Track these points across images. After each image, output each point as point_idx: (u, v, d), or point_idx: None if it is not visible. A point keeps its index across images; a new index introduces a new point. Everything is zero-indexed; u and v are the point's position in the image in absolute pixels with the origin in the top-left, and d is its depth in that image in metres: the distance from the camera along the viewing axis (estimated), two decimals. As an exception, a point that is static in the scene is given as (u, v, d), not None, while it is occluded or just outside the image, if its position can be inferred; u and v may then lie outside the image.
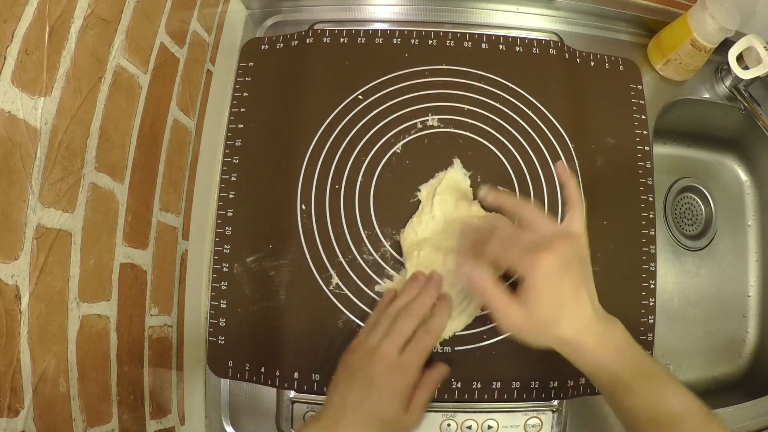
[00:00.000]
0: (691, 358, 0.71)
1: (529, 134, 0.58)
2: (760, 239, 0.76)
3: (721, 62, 0.65)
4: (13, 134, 0.32)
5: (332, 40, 0.60)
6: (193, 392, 0.57)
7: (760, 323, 0.73)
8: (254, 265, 0.56)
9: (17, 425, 0.33)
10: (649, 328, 0.57)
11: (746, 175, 0.78)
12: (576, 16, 0.65)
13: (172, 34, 0.50)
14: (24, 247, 0.34)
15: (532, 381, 0.53)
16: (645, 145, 0.60)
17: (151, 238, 0.50)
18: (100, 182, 0.41)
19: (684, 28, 0.60)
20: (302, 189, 0.56)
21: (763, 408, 0.58)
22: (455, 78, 0.59)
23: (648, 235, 0.58)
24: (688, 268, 0.75)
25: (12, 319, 0.33)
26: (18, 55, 0.32)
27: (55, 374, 0.37)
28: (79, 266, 0.39)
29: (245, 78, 0.61)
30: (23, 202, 0.34)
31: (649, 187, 0.59)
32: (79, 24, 0.37)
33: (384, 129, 0.58)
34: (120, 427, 0.45)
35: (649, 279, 0.57)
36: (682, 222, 0.76)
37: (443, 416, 0.53)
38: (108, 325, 0.43)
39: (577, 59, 0.62)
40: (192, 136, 0.57)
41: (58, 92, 0.36)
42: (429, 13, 0.65)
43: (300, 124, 0.58)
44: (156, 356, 0.51)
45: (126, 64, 0.43)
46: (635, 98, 0.62)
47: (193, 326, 0.57)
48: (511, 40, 0.61)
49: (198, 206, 0.58)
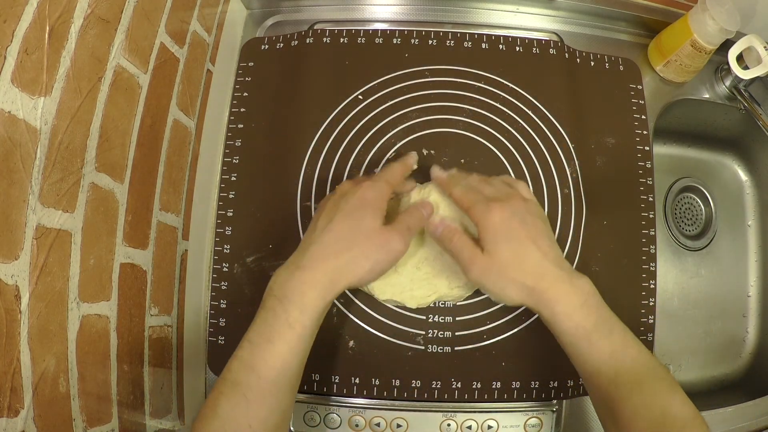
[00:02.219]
0: (691, 358, 0.71)
1: (529, 134, 0.58)
2: (760, 239, 0.76)
3: (721, 62, 0.65)
4: (13, 134, 0.32)
5: (332, 40, 0.60)
6: (193, 392, 0.57)
7: (760, 323, 0.73)
8: (254, 265, 0.56)
9: (17, 425, 0.33)
10: (649, 328, 0.57)
11: (746, 175, 0.78)
12: (576, 16, 0.65)
13: (172, 34, 0.50)
14: (24, 247, 0.34)
15: (532, 381, 0.53)
16: (645, 145, 0.60)
17: (151, 238, 0.50)
18: (100, 182, 0.41)
19: (684, 29, 0.60)
20: (302, 189, 0.56)
21: (763, 408, 0.58)
22: (455, 78, 0.59)
23: (648, 235, 0.58)
24: (688, 268, 0.75)
25: (12, 319, 0.33)
26: (18, 55, 0.32)
27: (55, 374, 0.37)
28: (79, 266, 0.39)
29: (245, 78, 0.61)
30: (23, 202, 0.34)
31: (649, 187, 0.59)
32: (79, 24, 0.37)
33: (384, 129, 0.58)
34: (120, 427, 0.45)
35: (649, 279, 0.57)
36: (682, 222, 0.76)
37: (443, 416, 0.53)
38: (108, 325, 0.43)
39: (577, 59, 0.62)
40: (192, 136, 0.57)
41: (58, 92, 0.36)
42: (429, 13, 0.65)
43: (300, 124, 0.58)
44: (156, 356, 0.51)
45: (126, 64, 0.43)
46: (635, 98, 0.62)
47: (193, 326, 0.57)
48: (511, 40, 0.61)
49: (198, 206, 0.58)
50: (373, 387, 0.53)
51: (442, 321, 0.54)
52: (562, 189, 0.57)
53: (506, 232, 0.44)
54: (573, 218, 0.57)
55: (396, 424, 0.54)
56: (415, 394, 0.53)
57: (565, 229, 0.56)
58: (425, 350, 0.53)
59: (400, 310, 0.54)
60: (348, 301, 0.54)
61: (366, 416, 0.53)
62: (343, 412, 0.54)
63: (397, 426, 0.54)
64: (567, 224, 0.56)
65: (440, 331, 0.54)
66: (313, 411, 0.54)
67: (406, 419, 0.54)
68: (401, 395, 0.53)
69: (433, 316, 0.54)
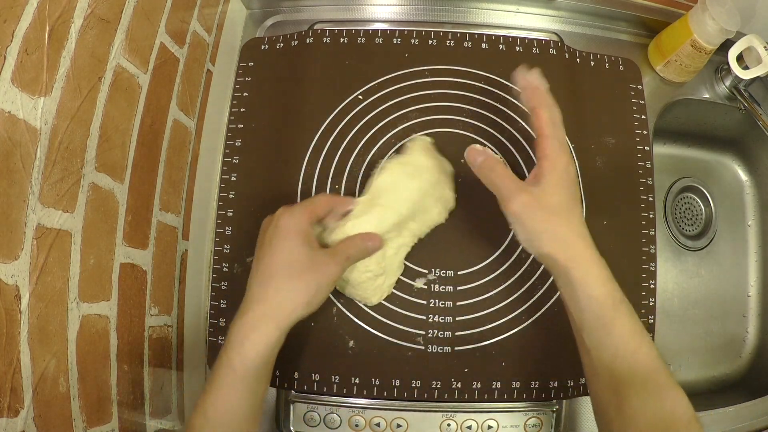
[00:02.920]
0: (691, 358, 0.71)
1: (529, 134, 0.58)
2: (760, 239, 0.76)
3: (721, 62, 0.65)
4: (13, 134, 0.32)
5: (332, 40, 0.60)
6: (193, 392, 0.57)
7: (760, 323, 0.73)
8: (254, 265, 0.56)
9: (17, 425, 0.33)
10: (649, 328, 0.57)
11: (746, 175, 0.78)
12: (576, 16, 0.65)
13: (172, 34, 0.50)
14: (24, 247, 0.34)
15: (532, 381, 0.53)
16: (645, 145, 0.60)
17: (151, 238, 0.50)
18: (100, 182, 0.41)
19: (684, 29, 0.60)
20: (302, 189, 0.56)
21: (763, 408, 0.58)
22: (455, 78, 0.59)
23: (648, 235, 0.58)
24: (688, 268, 0.75)
25: (12, 319, 0.33)
26: (18, 55, 0.32)
27: (55, 374, 0.37)
28: (79, 266, 0.39)
29: (245, 78, 0.61)
30: (23, 202, 0.34)
31: (649, 187, 0.59)
32: (79, 24, 0.37)
33: (384, 129, 0.58)
34: (120, 427, 0.45)
35: (649, 279, 0.57)
36: (682, 222, 0.76)
37: (443, 416, 0.53)
38: (108, 325, 0.43)
39: (577, 59, 0.62)
40: (192, 136, 0.57)
41: (58, 92, 0.36)
42: (429, 13, 0.65)
43: (300, 124, 0.58)
44: (156, 356, 0.51)
45: (126, 64, 0.43)
46: (635, 98, 0.62)
47: (193, 326, 0.57)
48: (511, 40, 0.61)
49: (198, 206, 0.58)
50: (373, 387, 0.53)
51: (442, 321, 0.54)
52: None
53: (569, 183, 0.43)
54: (573, 218, 0.56)
55: (396, 424, 0.54)
56: (415, 394, 0.53)
57: (565, 229, 0.56)
58: (425, 350, 0.53)
59: (401, 310, 0.54)
60: (348, 301, 0.54)
61: (366, 416, 0.54)
62: (343, 412, 0.54)
63: (397, 426, 0.54)
64: (567, 224, 0.56)
65: (440, 331, 0.54)
66: (313, 411, 0.54)
67: (406, 419, 0.54)
68: (401, 395, 0.53)
69: (433, 316, 0.54)
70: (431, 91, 0.59)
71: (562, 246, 0.42)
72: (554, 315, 0.54)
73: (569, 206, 0.43)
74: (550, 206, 0.42)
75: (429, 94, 0.59)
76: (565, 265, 0.41)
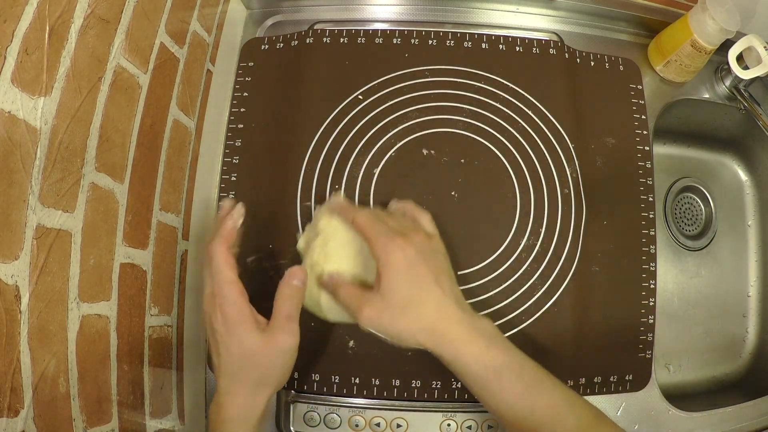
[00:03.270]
0: (691, 358, 0.71)
1: (529, 134, 0.58)
2: (760, 239, 0.76)
3: (721, 62, 0.65)
4: (13, 134, 0.32)
5: (332, 40, 0.60)
6: (193, 392, 0.57)
7: (760, 323, 0.73)
8: (254, 265, 0.56)
9: (17, 425, 0.33)
10: (649, 328, 0.57)
11: (746, 175, 0.78)
12: (576, 16, 0.65)
13: (172, 34, 0.50)
14: (24, 247, 0.34)
15: (532, 381, 0.53)
16: (645, 145, 0.60)
17: (151, 238, 0.50)
18: (100, 182, 0.41)
19: (684, 29, 0.60)
20: (302, 189, 0.56)
21: (763, 408, 0.58)
22: (455, 78, 0.59)
23: (648, 235, 0.58)
24: (688, 268, 0.75)
25: (12, 319, 0.33)
26: (18, 55, 0.32)
27: (55, 374, 0.37)
28: (79, 266, 0.39)
29: (245, 78, 0.61)
30: (23, 202, 0.34)
31: (649, 187, 0.59)
32: (79, 24, 0.37)
33: (384, 129, 0.58)
34: (120, 427, 0.45)
35: (649, 279, 0.57)
36: (682, 222, 0.76)
37: (443, 416, 0.53)
38: (108, 325, 0.43)
39: (577, 59, 0.62)
40: (192, 136, 0.57)
41: (58, 92, 0.36)
42: (429, 13, 0.65)
43: (300, 124, 0.58)
44: (156, 356, 0.51)
45: (126, 64, 0.43)
46: (635, 98, 0.62)
47: (193, 326, 0.57)
48: (511, 40, 0.61)
49: (198, 206, 0.58)
50: (373, 387, 0.53)
51: (442, 321, 0.54)
52: (562, 189, 0.57)
53: (408, 271, 0.42)
54: (573, 218, 0.57)
55: (396, 424, 0.54)
56: (415, 394, 0.53)
57: (565, 230, 0.56)
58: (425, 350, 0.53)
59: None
60: (348, 301, 0.54)
61: (366, 416, 0.54)
62: (343, 412, 0.54)
63: (397, 426, 0.54)
64: (567, 224, 0.56)
65: (440, 331, 0.54)
66: (313, 411, 0.54)
67: (406, 419, 0.54)
68: (401, 395, 0.53)
69: (433, 316, 0.54)
70: (431, 91, 0.59)
71: (425, 335, 0.42)
72: (554, 315, 0.54)
73: (419, 294, 0.42)
74: (397, 305, 0.42)
75: (429, 94, 0.59)
76: (435, 351, 0.42)
